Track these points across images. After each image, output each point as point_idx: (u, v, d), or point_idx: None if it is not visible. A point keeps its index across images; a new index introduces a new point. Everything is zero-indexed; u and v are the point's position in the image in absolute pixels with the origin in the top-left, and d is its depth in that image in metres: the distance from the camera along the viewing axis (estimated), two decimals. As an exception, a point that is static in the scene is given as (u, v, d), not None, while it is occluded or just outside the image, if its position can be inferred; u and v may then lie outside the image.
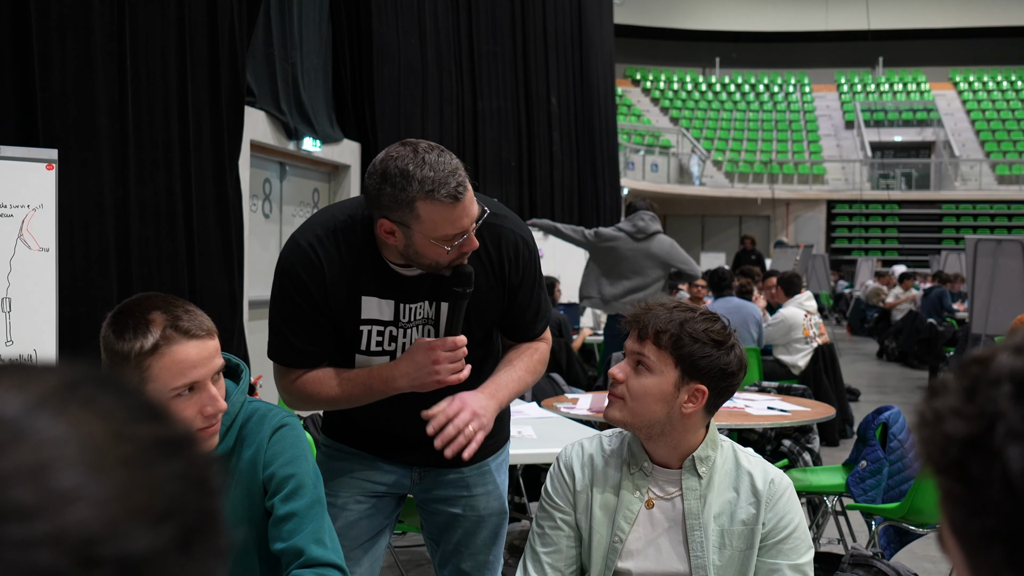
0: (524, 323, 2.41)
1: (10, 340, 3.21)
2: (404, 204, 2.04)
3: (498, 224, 2.28)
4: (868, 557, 3.50)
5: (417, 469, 2.43)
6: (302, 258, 2.20)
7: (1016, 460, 0.60)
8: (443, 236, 2.07)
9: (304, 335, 2.23)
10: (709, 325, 2.03)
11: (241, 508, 1.89)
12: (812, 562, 2.05)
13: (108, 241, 4.67)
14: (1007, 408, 0.62)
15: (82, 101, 4.59)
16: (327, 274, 2.19)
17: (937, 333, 12.05)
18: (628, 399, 2.04)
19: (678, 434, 2.05)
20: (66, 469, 0.49)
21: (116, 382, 0.56)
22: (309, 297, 2.20)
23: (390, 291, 2.23)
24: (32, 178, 3.30)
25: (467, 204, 2.07)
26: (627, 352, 2.08)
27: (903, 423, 4.37)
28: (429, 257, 2.13)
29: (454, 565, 2.50)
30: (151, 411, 0.55)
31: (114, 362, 1.74)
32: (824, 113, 31.06)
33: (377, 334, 2.25)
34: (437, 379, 2.17)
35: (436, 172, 2.02)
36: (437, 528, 2.50)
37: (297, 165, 7.46)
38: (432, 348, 2.16)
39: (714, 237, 27.74)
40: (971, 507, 0.63)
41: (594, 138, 15.00)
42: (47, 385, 0.52)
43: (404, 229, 2.08)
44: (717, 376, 2.02)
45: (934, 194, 27.19)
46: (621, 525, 2.07)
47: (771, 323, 8.04)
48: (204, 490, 0.54)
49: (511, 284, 2.31)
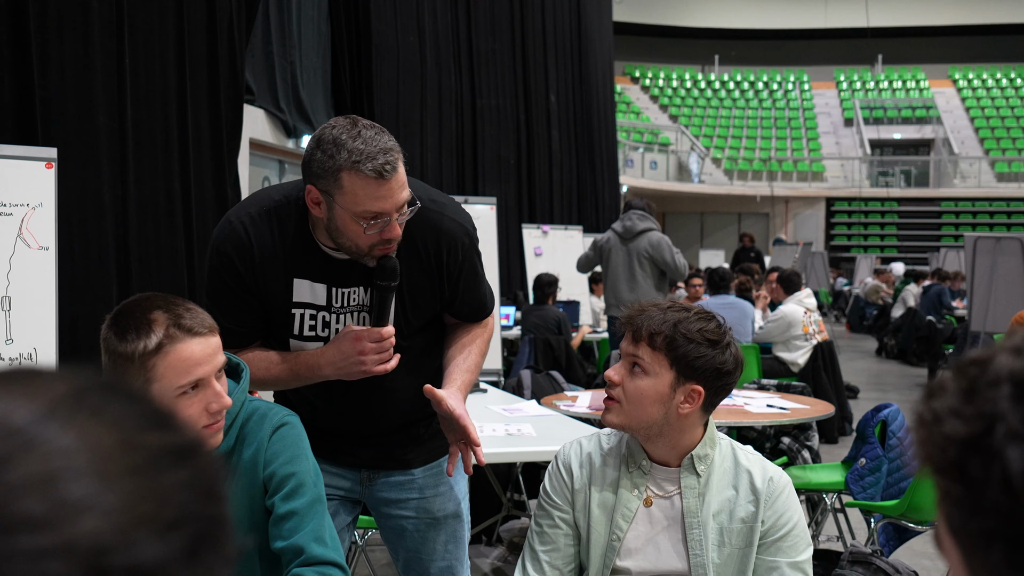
0: (469, 311, 2.38)
1: (10, 339, 3.21)
2: (331, 172, 2.02)
3: (437, 212, 2.25)
4: (867, 555, 3.51)
5: (365, 471, 2.38)
6: (232, 236, 2.18)
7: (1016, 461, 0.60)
8: (362, 212, 2.03)
9: (232, 314, 2.19)
10: (704, 325, 2.02)
11: (242, 507, 1.89)
12: (811, 559, 2.05)
13: (107, 239, 4.67)
14: (1006, 409, 0.62)
15: (81, 100, 4.59)
16: (256, 254, 2.17)
17: (936, 331, 12.06)
18: (624, 402, 2.03)
19: (676, 434, 2.05)
20: (76, 479, 0.49)
21: (124, 389, 0.56)
22: (237, 277, 2.18)
23: (322, 275, 2.20)
24: (31, 177, 3.30)
25: (393, 186, 2.03)
26: (623, 354, 2.07)
27: (902, 421, 4.37)
28: (348, 236, 2.09)
29: (416, 572, 2.43)
30: (159, 419, 0.55)
31: (117, 363, 1.74)
32: (823, 111, 31.06)
33: (310, 318, 2.22)
34: (363, 369, 2.14)
35: (367, 146, 2.00)
36: (392, 533, 2.43)
37: (296, 163, 7.46)
38: (359, 338, 2.14)
39: (713, 235, 27.74)
40: (970, 507, 0.63)
41: (593, 136, 15.01)
42: (56, 394, 0.52)
43: (328, 199, 2.05)
44: (713, 376, 2.01)
45: (933, 192, 27.20)
46: (619, 523, 2.07)
47: (771, 320, 8.04)
48: (212, 497, 0.55)
49: (450, 274, 2.28)
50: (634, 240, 7.05)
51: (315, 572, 1.79)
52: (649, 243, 7.01)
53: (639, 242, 7.03)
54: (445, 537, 2.42)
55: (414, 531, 2.40)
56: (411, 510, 2.38)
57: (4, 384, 0.53)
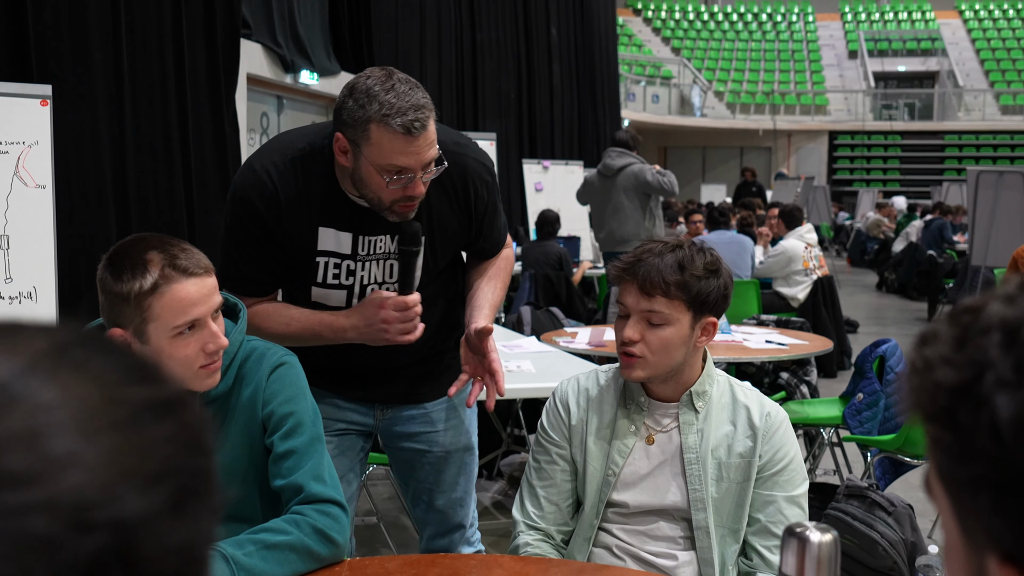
0: (490, 247, 2.42)
1: (9, 277, 3.21)
2: (360, 122, 2.01)
3: (462, 154, 2.25)
4: (863, 488, 3.54)
5: (379, 407, 2.41)
6: (257, 184, 2.15)
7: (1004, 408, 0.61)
8: (387, 166, 2.03)
9: (255, 263, 2.19)
10: (703, 258, 2.03)
11: (241, 446, 1.91)
12: (807, 493, 2.08)
13: (105, 176, 4.65)
14: (996, 357, 0.62)
15: (75, 35, 4.53)
16: (283, 202, 2.15)
17: (936, 265, 12.05)
18: (649, 355, 2.01)
19: (687, 369, 2.07)
20: (58, 435, 0.49)
21: (107, 343, 0.56)
22: (262, 225, 2.16)
23: (348, 223, 2.19)
24: (27, 114, 3.28)
25: (420, 144, 2.02)
26: (632, 311, 2.03)
27: (900, 356, 4.39)
28: (372, 188, 2.09)
29: (425, 503, 2.48)
30: (143, 372, 0.55)
31: (113, 303, 1.74)
32: (827, 43, 30.71)
33: (334, 267, 2.22)
34: (386, 337, 2.14)
35: (399, 100, 1.99)
36: (404, 466, 2.47)
37: (294, 98, 7.41)
38: (383, 306, 2.13)
39: (715, 169, 27.60)
40: (959, 454, 0.64)
41: (594, 69, 14.87)
42: (37, 348, 0.52)
43: (355, 149, 2.05)
44: (721, 302, 2.05)
45: (937, 125, 27.00)
46: (615, 459, 2.09)
47: (771, 255, 8.04)
48: (197, 450, 0.55)
49: (477, 213, 2.30)
50: (615, 177, 7.28)
51: (315, 510, 1.81)
52: (631, 175, 7.23)
53: (619, 178, 7.26)
54: (456, 469, 2.46)
55: (426, 463, 2.44)
56: (424, 443, 2.43)
57: None
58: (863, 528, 3.45)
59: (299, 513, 1.80)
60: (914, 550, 3.46)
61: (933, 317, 11.64)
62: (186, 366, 1.79)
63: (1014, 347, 0.62)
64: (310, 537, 1.78)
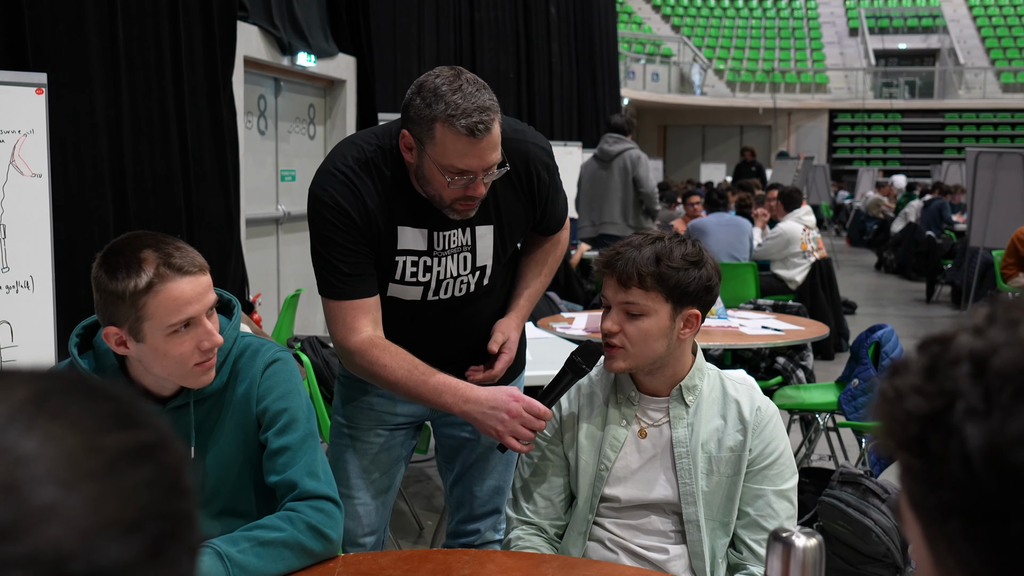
0: (555, 224, 2.47)
1: (6, 267, 3.22)
2: (426, 121, 2.04)
3: (522, 140, 2.28)
4: (857, 475, 3.57)
5: None
6: (341, 188, 2.17)
7: (974, 437, 0.62)
8: (449, 166, 2.06)
9: (352, 260, 2.19)
10: (683, 249, 2.04)
11: (235, 442, 1.92)
12: (796, 487, 2.09)
13: (102, 162, 4.63)
14: (966, 387, 0.64)
15: (71, 19, 4.51)
16: (370, 205, 2.17)
17: (935, 246, 12.05)
18: (629, 346, 2.04)
19: (675, 361, 2.09)
20: (38, 487, 0.50)
21: (86, 388, 0.57)
22: (352, 225, 2.17)
23: (422, 220, 2.22)
24: (22, 103, 3.27)
25: (483, 146, 2.04)
26: (612, 303, 2.06)
27: (896, 342, 4.41)
28: (434, 185, 2.12)
29: (464, 487, 2.54)
30: (121, 417, 0.56)
31: (108, 301, 1.75)
32: (828, 20, 30.56)
33: (412, 264, 2.25)
34: (498, 429, 2.09)
35: (465, 101, 2.01)
36: (450, 451, 2.55)
37: (292, 80, 7.37)
38: (517, 399, 2.09)
39: (715, 147, 27.55)
40: (930, 481, 0.65)
41: (594, 47, 14.80)
42: (17, 399, 0.53)
43: (419, 147, 2.09)
44: (704, 293, 2.06)
45: (937, 103, 26.93)
46: (607, 453, 2.11)
47: (769, 237, 8.04)
48: (176, 494, 0.56)
49: (541, 198, 2.34)
50: (611, 162, 7.41)
51: (308, 506, 1.82)
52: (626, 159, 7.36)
53: (615, 163, 7.38)
54: (496, 460, 2.52)
55: (472, 452, 2.51)
56: (471, 432, 2.48)
57: None
58: (857, 515, 3.48)
59: (293, 510, 1.82)
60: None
61: (931, 298, 11.65)
62: (181, 364, 1.80)
63: (983, 377, 0.63)
64: (304, 533, 1.79)
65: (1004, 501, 0.60)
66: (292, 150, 7.41)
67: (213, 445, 1.92)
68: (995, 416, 0.61)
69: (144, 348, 1.78)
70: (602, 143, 7.63)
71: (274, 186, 7.16)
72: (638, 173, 7.34)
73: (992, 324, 0.66)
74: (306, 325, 7.17)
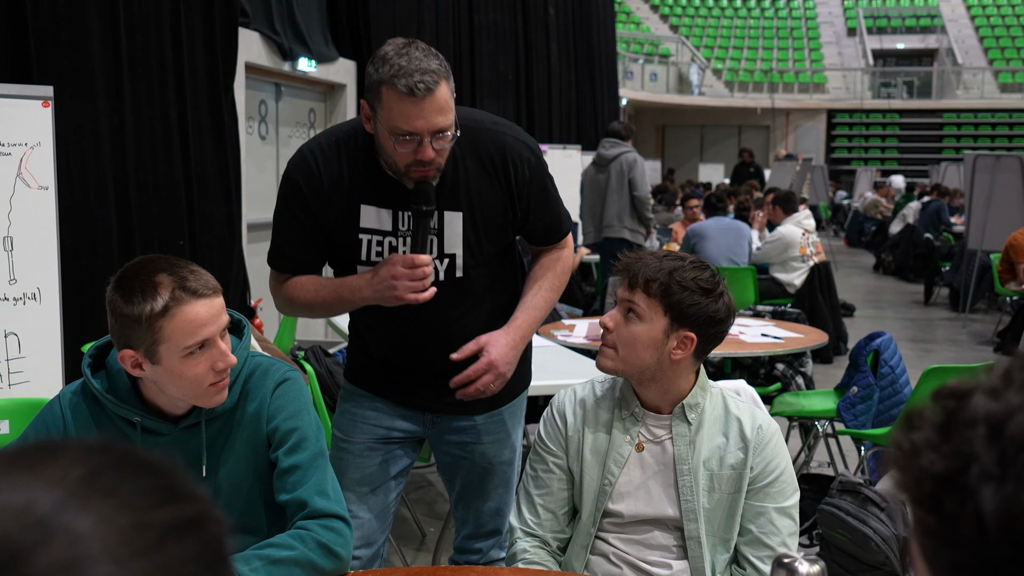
0: (543, 229, 2.44)
1: (13, 278, 3.24)
2: (375, 86, 2.11)
3: (500, 132, 2.31)
4: (856, 484, 3.60)
5: (430, 415, 2.48)
6: (301, 165, 2.28)
7: (989, 500, 0.64)
8: (393, 128, 2.11)
9: (293, 242, 2.32)
10: (698, 273, 2.07)
11: (246, 459, 1.95)
12: (797, 504, 2.12)
13: (106, 169, 4.66)
14: (982, 450, 0.65)
15: (75, 28, 4.54)
16: (325, 182, 2.25)
17: (933, 248, 12.09)
18: (619, 347, 2.09)
19: (668, 380, 2.11)
20: (94, 565, 0.54)
21: (134, 463, 0.60)
22: (304, 204, 2.27)
23: (388, 199, 2.26)
24: (29, 116, 3.30)
25: (424, 106, 2.08)
26: (618, 300, 2.13)
27: (894, 349, 4.44)
28: (387, 152, 2.18)
29: (466, 505, 2.57)
30: (168, 492, 0.60)
31: (124, 325, 1.78)
32: (826, 20, 30.59)
33: (376, 244, 2.29)
34: (395, 295, 2.19)
35: (408, 64, 2.07)
36: (448, 468, 2.57)
37: (293, 85, 7.40)
38: (393, 262, 2.20)
39: (713, 148, 27.57)
40: (943, 539, 0.67)
41: (592, 48, 14.82)
42: (73, 477, 0.57)
43: (373, 114, 2.15)
44: (705, 323, 2.07)
45: (936, 103, 26.96)
46: (611, 468, 2.14)
47: (768, 241, 8.07)
48: (218, 563, 0.60)
49: (519, 192, 2.32)
50: (608, 166, 7.53)
51: (319, 524, 1.85)
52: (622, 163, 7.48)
53: (612, 166, 7.49)
54: (496, 481, 2.53)
55: (469, 471, 2.52)
56: (468, 452, 2.49)
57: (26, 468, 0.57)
58: (856, 524, 3.51)
59: (303, 528, 1.85)
60: (906, 545, 3.52)
61: (929, 300, 11.69)
62: (196, 384, 1.83)
63: (998, 441, 0.65)
64: (314, 552, 1.82)
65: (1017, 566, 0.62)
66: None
67: (224, 463, 1.95)
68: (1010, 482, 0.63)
69: (160, 370, 1.81)
70: (600, 148, 7.73)
71: (275, 191, 7.17)
72: (633, 176, 7.41)
73: (1009, 386, 0.67)
74: (307, 329, 7.20)
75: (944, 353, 8.68)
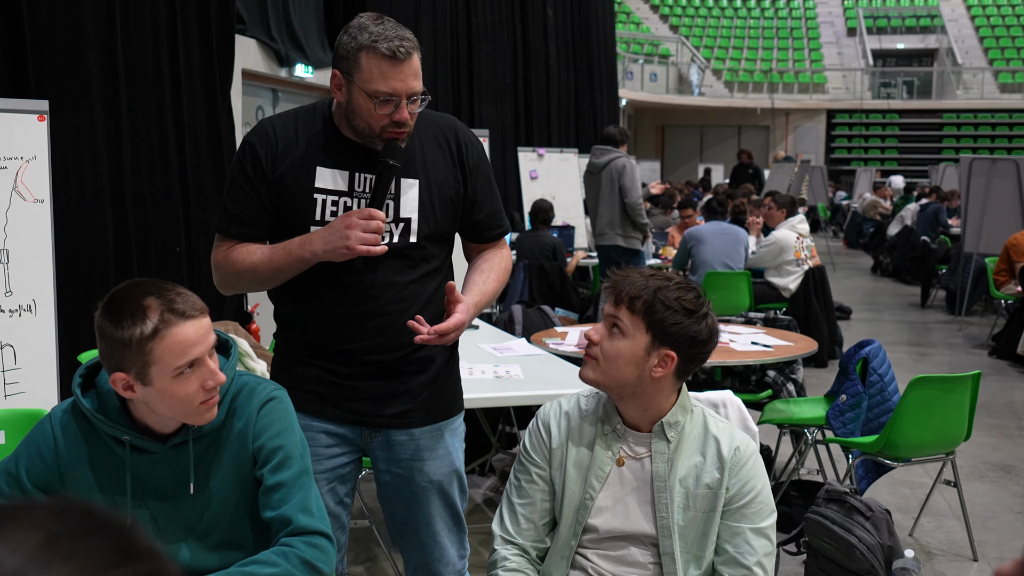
0: (486, 217, 2.50)
1: (9, 291, 3.29)
2: (352, 52, 2.22)
3: (453, 119, 2.50)
4: (842, 493, 3.64)
5: (366, 430, 2.44)
6: (259, 130, 2.38)
7: None
8: (374, 90, 2.21)
9: (242, 204, 2.35)
10: (682, 294, 2.11)
11: (232, 476, 1.99)
12: (774, 525, 2.16)
13: (102, 178, 4.70)
14: None
15: (71, 37, 4.58)
16: (280, 144, 2.33)
17: (930, 250, 12.12)
18: (601, 360, 2.14)
19: (648, 397, 2.15)
20: None
21: (92, 524, 0.64)
22: (258, 166, 2.33)
23: (344, 161, 2.34)
24: (24, 130, 3.34)
25: (405, 69, 2.21)
26: (604, 315, 2.18)
27: (883, 357, 4.48)
28: (362, 116, 2.26)
29: (409, 532, 2.51)
30: (124, 553, 0.64)
31: (114, 349, 1.82)
32: (826, 20, 30.61)
33: (332, 204, 2.34)
34: (347, 244, 2.22)
35: (386, 31, 2.20)
36: (388, 491, 2.50)
37: (290, 91, 7.45)
38: (349, 214, 2.26)
39: (712, 148, 27.60)
40: None
41: (592, 49, 14.85)
42: (35, 541, 0.61)
43: (347, 80, 2.24)
44: (687, 343, 2.11)
45: (935, 103, 26.98)
46: (592, 483, 2.18)
47: (763, 245, 8.10)
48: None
49: (468, 170, 2.44)
50: (600, 173, 7.60)
51: (302, 542, 1.90)
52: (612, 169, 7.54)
53: (604, 173, 7.57)
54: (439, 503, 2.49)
55: (408, 491, 2.47)
56: (407, 470, 2.45)
57: None
58: (841, 532, 3.55)
59: (287, 545, 1.89)
60: (891, 554, 3.56)
61: (926, 302, 11.73)
62: (187, 403, 1.87)
63: None
64: (298, 568, 1.86)
65: None
66: (290, 159, 7.48)
67: (211, 480, 1.99)
68: None
69: (151, 391, 1.85)
70: (591, 156, 7.77)
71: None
72: (623, 183, 7.44)
73: None
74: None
75: (939, 357, 8.71)
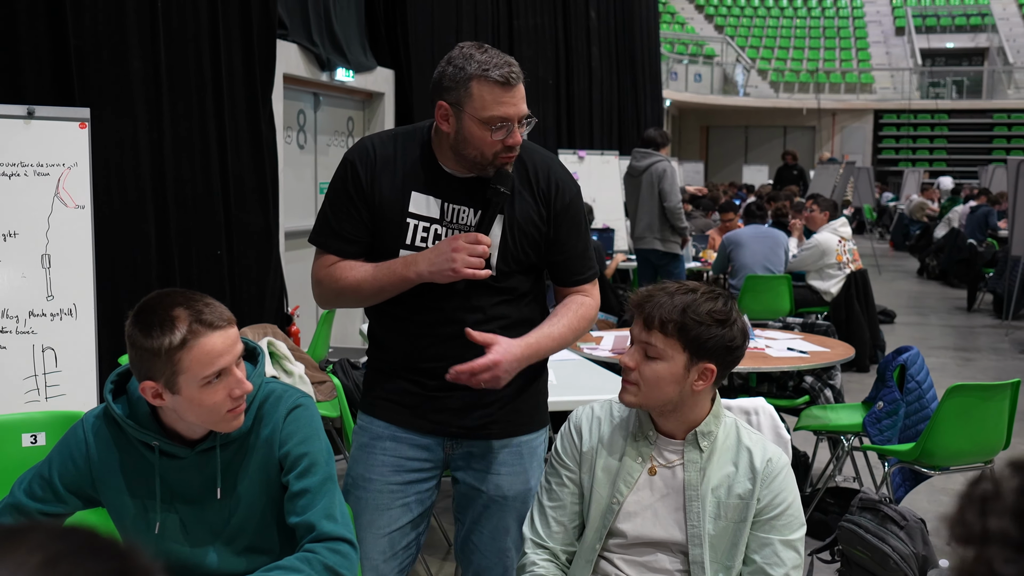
0: (570, 260, 2.48)
1: (51, 295, 3.36)
2: (460, 83, 2.24)
3: (551, 158, 2.50)
4: (876, 502, 3.61)
5: (448, 441, 2.48)
6: (359, 149, 2.43)
7: None
8: (489, 117, 2.24)
9: (345, 220, 2.40)
10: (711, 306, 2.12)
11: (259, 482, 2.02)
12: (804, 538, 2.16)
13: (145, 183, 4.78)
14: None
15: (115, 46, 4.66)
16: (379, 164, 2.38)
17: (976, 253, 11.95)
18: (642, 385, 2.14)
19: (688, 408, 2.17)
20: None
21: (90, 548, 0.67)
22: (357, 182, 2.38)
23: (438, 189, 2.38)
24: (66, 137, 3.41)
25: (516, 94, 2.26)
26: (634, 339, 2.17)
27: (921, 364, 4.43)
28: (474, 144, 2.28)
29: (473, 545, 2.55)
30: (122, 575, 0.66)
31: (143, 358, 1.86)
32: (874, 19, 30.26)
33: (423, 230, 2.38)
34: (453, 267, 2.27)
35: (492, 58, 2.25)
36: (461, 501, 2.55)
37: (331, 95, 7.51)
38: (456, 238, 2.31)
39: (757, 148, 27.40)
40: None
41: (635, 50, 14.81)
42: (34, 563, 0.63)
43: (456, 111, 2.26)
44: (723, 352, 2.12)
45: (985, 103, 26.56)
46: (620, 488, 2.20)
47: (804, 248, 8.04)
48: None
49: (556, 212, 2.42)
50: (640, 176, 7.59)
51: (326, 547, 1.93)
52: (652, 173, 7.52)
53: (645, 177, 7.55)
54: (509, 517, 2.51)
55: (480, 503, 2.51)
56: (483, 483, 2.49)
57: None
58: (875, 541, 3.52)
59: (311, 551, 1.92)
60: (925, 564, 3.53)
61: (973, 306, 11.56)
62: (215, 411, 1.91)
63: None
64: (320, 574, 1.89)
65: None
66: (331, 163, 7.54)
67: (238, 486, 2.02)
68: None
69: (179, 399, 1.89)
70: (631, 159, 7.76)
71: (313, 199, 7.30)
72: (663, 187, 7.42)
73: None
74: (344, 336, 7.30)
75: (984, 362, 8.59)
